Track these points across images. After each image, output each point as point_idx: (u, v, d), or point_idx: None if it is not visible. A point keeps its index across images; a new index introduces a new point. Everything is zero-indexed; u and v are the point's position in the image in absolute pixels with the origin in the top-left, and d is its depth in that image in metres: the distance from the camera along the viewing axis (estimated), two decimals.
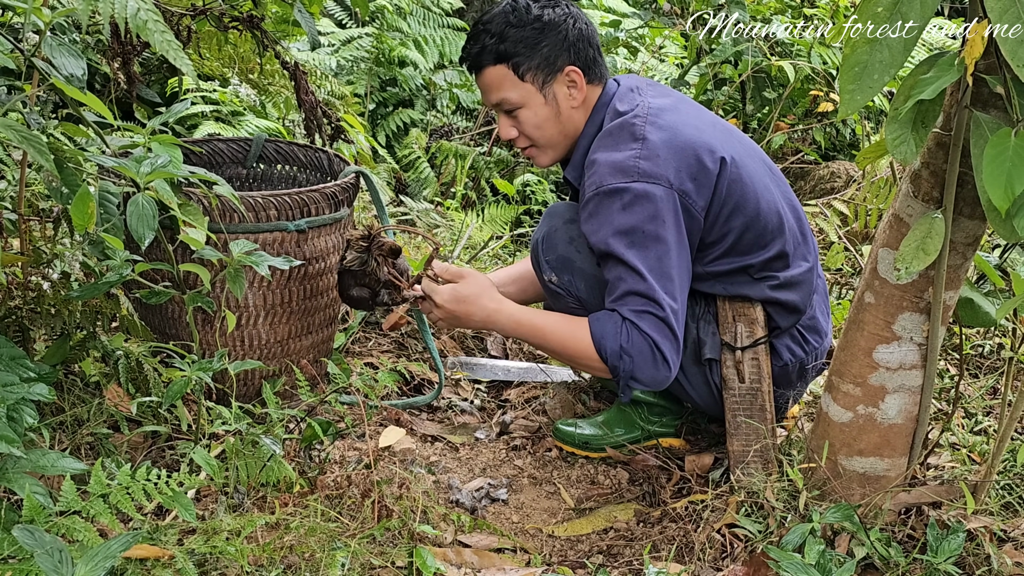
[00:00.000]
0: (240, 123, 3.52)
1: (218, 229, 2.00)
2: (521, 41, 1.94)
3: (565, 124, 2.01)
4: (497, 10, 1.97)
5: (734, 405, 2.00)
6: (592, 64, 2.00)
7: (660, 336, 1.86)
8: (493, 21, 1.96)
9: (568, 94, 1.99)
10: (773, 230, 1.96)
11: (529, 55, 1.94)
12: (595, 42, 2.01)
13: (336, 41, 4.79)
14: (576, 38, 1.97)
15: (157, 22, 1.73)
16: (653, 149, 1.85)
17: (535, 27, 1.94)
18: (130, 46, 2.42)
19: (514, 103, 1.98)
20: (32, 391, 1.46)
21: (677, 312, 1.88)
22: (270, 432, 1.75)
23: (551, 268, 2.04)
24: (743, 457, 1.96)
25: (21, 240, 1.96)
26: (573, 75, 1.97)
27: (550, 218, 2.09)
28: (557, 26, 1.95)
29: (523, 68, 1.95)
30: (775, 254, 1.96)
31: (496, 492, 2.07)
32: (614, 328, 1.87)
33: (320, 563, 1.57)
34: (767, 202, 1.95)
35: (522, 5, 1.96)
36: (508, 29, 1.94)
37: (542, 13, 1.95)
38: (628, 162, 1.85)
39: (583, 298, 2.02)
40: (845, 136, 4.58)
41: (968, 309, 1.72)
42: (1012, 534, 1.71)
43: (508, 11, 1.96)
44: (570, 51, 1.96)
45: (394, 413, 2.32)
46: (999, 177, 1.29)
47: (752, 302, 2.00)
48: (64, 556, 1.16)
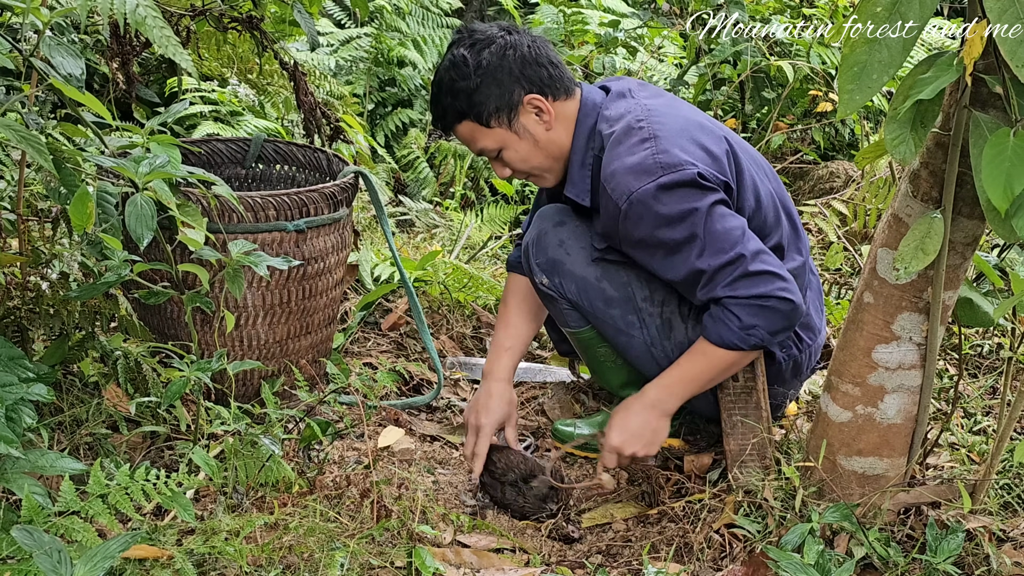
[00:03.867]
0: (239, 123, 3.52)
1: (217, 229, 2.00)
2: (471, 92, 1.90)
3: (548, 148, 1.98)
4: (441, 69, 1.94)
5: (729, 404, 2.00)
6: (551, 81, 1.94)
7: (763, 287, 1.81)
8: (442, 82, 1.93)
9: (538, 120, 1.95)
10: (771, 222, 1.96)
11: (484, 102, 1.91)
12: (545, 59, 1.94)
13: (335, 41, 4.79)
14: (522, 67, 1.92)
15: (156, 18, 1.73)
16: (665, 144, 1.84)
17: (479, 74, 1.90)
18: (129, 46, 2.42)
19: (494, 149, 1.97)
20: (31, 391, 1.46)
21: (760, 253, 1.82)
22: (269, 432, 1.75)
23: (541, 271, 2.03)
24: (740, 456, 1.96)
25: (20, 240, 1.96)
26: (535, 102, 1.93)
27: (540, 221, 2.08)
28: (499, 64, 1.90)
29: (484, 116, 1.92)
30: (773, 246, 1.96)
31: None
32: (722, 321, 1.84)
33: (319, 563, 1.57)
34: (766, 192, 1.96)
35: (459, 59, 1.91)
36: (456, 84, 1.91)
37: (479, 59, 1.90)
38: (647, 161, 1.82)
39: (574, 300, 2.01)
40: (844, 136, 4.58)
41: (967, 309, 1.72)
42: (1011, 534, 1.72)
43: (450, 67, 1.92)
44: (520, 81, 1.92)
45: (393, 413, 2.32)
46: (998, 177, 1.29)
47: None
48: (63, 556, 1.16)
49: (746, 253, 1.81)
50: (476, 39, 1.93)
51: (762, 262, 1.81)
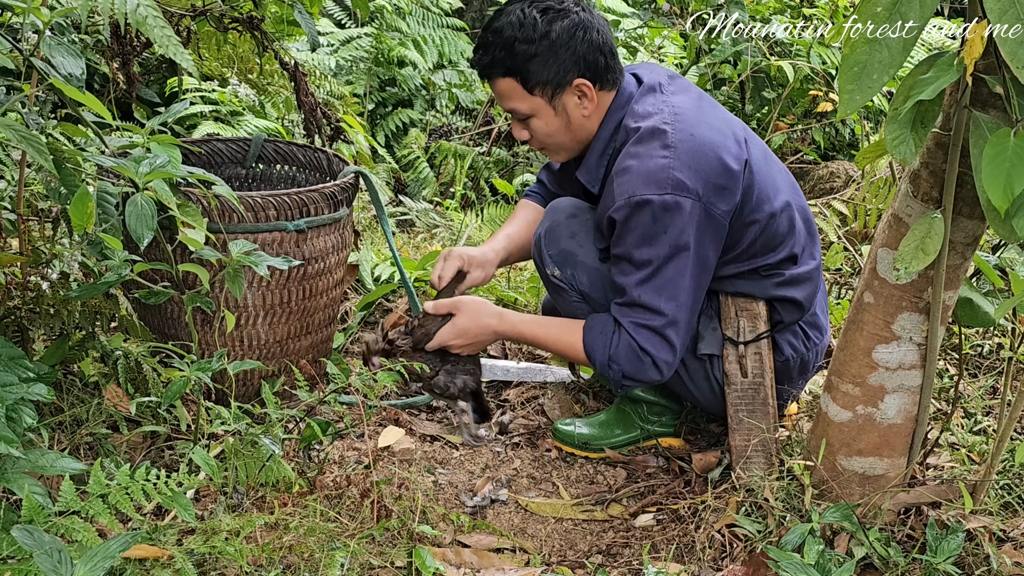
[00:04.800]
0: (239, 123, 3.51)
1: (217, 229, 2.00)
2: (529, 57, 1.89)
3: (577, 132, 2.00)
4: (505, 21, 1.91)
5: (736, 400, 2.00)
6: (605, 72, 1.95)
7: (655, 348, 1.91)
8: (502, 33, 1.90)
9: (579, 104, 1.96)
10: (784, 233, 1.97)
11: (537, 71, 1.90)
12: (607, 48, 1.95)
13: (335, 41, 4.79)
14: (586, 50, 1.91)
15: (157, 18, 1.73)
16: (684, 158, 1.84)
17: (543, 43, 1.88)
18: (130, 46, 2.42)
19: (524, 113, 1.97)
20: (31, 391, 1.45)
21: (679, 324, 1.91)
22: (269, 432, 1.75)
23: (553, 262, 2.05)
24: (744, 453, 1.96)
25: (20, 240, 1.96)
26: (583, 87, 1.93)
27: (552, 213, 2.09)
28: (566, 41, 1.89)
29: (531, 83, 1.92)
30: (785, 256, 1.98)
31: (495, 492, 2.07)
32: (604, 340, 1.95)
33: (319, 563, 1.57)
34: (781, 203, 1.96)
35: (529, 20, 1.89)
36: (516, 44, 1.89)
37: (550, 29, 1.89)
38: (661, 173, 1.84)
39: (585, 292, 2.03)
40: (844, 136, 4.58)
41: (967, 309, 1.72)
42: (1011, 534, 1.71)
43: (516, 24, 1.90)
44: (580, 64, 1.91)
45: (393, 413, 2.32)
46: (998, 177, 1.29)
47: (755, 299, 2.01)
48: (63, 556, 1.16)
49: (670, 315, 1.89)
50: (550, 5, 1.91)
51: (675, 332, 1.91)
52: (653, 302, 1.89)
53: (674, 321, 1.90)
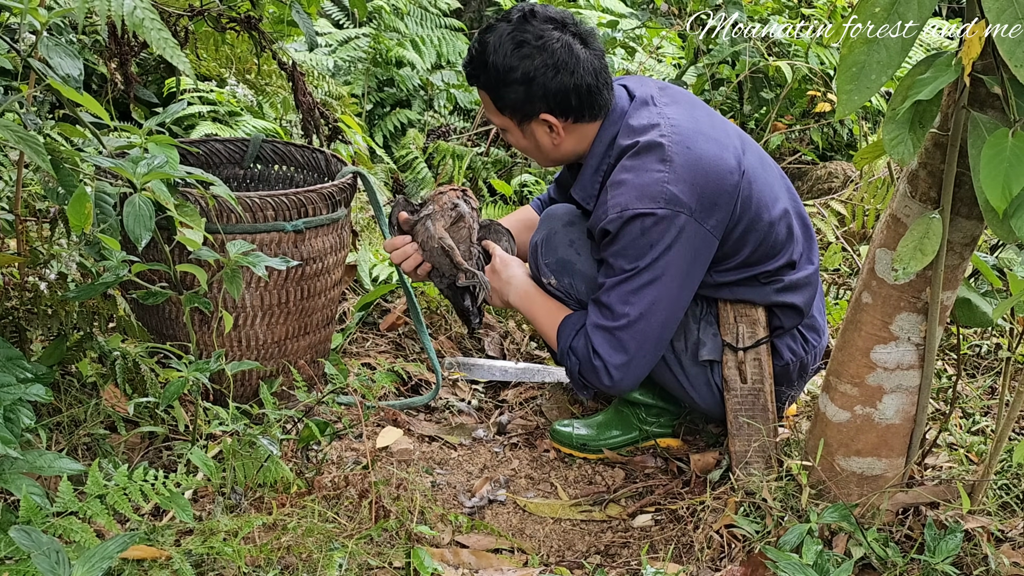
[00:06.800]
0: (237, 123, 3.51)
1: (215, 230, 2.00)
2: (498, 83, 1.91)
3: (548, 153, 2.01)
4: (488, 38, 1.91)
5: (736, 405, 2.00)
6: (579, 109, 1.92)
7: (605, 350, 1.92)
8: (484, 48, 1.90)
9: (548, 133, 1.96)
10: (783, 240, 1.97)
11: (504, 96, 1.91)
12: (584, 88, 1.89)
13: (333, 41, 4.78)
14: (556, 90, 1.88)
15: (154, 20, 1.73)
16: (680, 172, 1.84)
17: (512, 75, 1.88)
18: (127, 47, 2.41)
19: (498, 125, 2.01)
20: (29, 392, 1.45)
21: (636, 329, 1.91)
22: (267, 433, 1.75)
23: (550, 271, 2.04)
24: (744, 457, 1.96)
25: (18, 241, 1.96)
26: (550, 123, 1.93)
27: (548, 221, 2.08)
28: (534, 78, 1.87)
29: (500, 104, 1.94)
30: (784, 263, 1.98)
31: (493, 493, 2.07)
32: (571, 330, 1.99)
33: (317, 564, 1.57)
34: (779, 212, 1.96)
35: (503, 51, 1.88)
36: (489, 66, 1.90)
37: (518, 65, 1.87)
38: (656, 187, 1.84)
39: (584, 301, 2.02)
40: (843, 136, 4.58)
41: (965, 309, 1.72)
42: (1010, 534, 1.72)
43: (492, 48, 1.89)
44: (548, 101, 1.90)
45: (391, 413, 2.32)
46: (996, 177, 1.29)
47: (755, 305, 2.01)
48: (61, 557, 1.16)
49: (629, 318, 1.90)
50: (525, 39, 1.88)
51: (629, 336, 1.92)
52: (615, 304, 1.90)
53: (630, 325, 1.90)
